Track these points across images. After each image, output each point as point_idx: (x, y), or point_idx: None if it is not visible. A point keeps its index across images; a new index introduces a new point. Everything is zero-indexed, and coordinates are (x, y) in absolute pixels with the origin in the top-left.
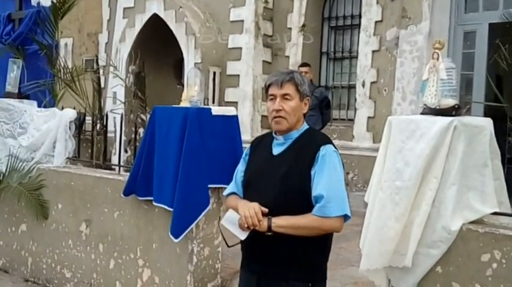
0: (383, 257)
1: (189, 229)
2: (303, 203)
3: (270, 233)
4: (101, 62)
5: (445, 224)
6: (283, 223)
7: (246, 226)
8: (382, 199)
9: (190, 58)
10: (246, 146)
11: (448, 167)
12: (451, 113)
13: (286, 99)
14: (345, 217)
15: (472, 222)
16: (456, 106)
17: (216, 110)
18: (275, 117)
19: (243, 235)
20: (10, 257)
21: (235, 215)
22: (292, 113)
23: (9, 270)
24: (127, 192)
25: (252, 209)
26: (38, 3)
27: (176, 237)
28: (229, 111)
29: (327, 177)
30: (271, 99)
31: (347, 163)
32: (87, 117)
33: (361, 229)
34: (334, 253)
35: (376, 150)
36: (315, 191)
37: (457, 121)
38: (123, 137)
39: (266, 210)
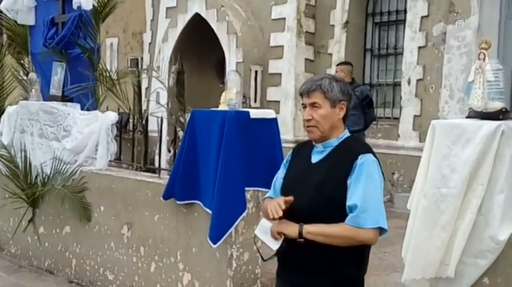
0: (429, 267)
1: (227, 234)
2: (337, 212)
3: (301, 240)
4: (146, 62)
5: (492, 234)
6: (314, 229)
7: (271, 217)
8: (427, 207)
9: (232, 57)
10: (287, 146)
11: (496, 174)
12: (498, 116)
13: (315, 107)
14: (381, 231)
15: None
16: (504, 109)
17: (255, 113)
18: (307, 126)
19: (275, 245)
20: (55, 259)
21: (268, 224)
22: (323, 121)
23: (54, 271)
24: (166, 196)
25: (276, 202)
26: (79, 7)
27: (215, 243)
28: (268, 114)
29: (363, 187)
30: (304, 107)
31: (392, 163)
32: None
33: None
34: (378, 257)
35: (423, 149)
36: (350, 200)
37: (505, 125)
38: (164, 139)
39: (291, 198)
